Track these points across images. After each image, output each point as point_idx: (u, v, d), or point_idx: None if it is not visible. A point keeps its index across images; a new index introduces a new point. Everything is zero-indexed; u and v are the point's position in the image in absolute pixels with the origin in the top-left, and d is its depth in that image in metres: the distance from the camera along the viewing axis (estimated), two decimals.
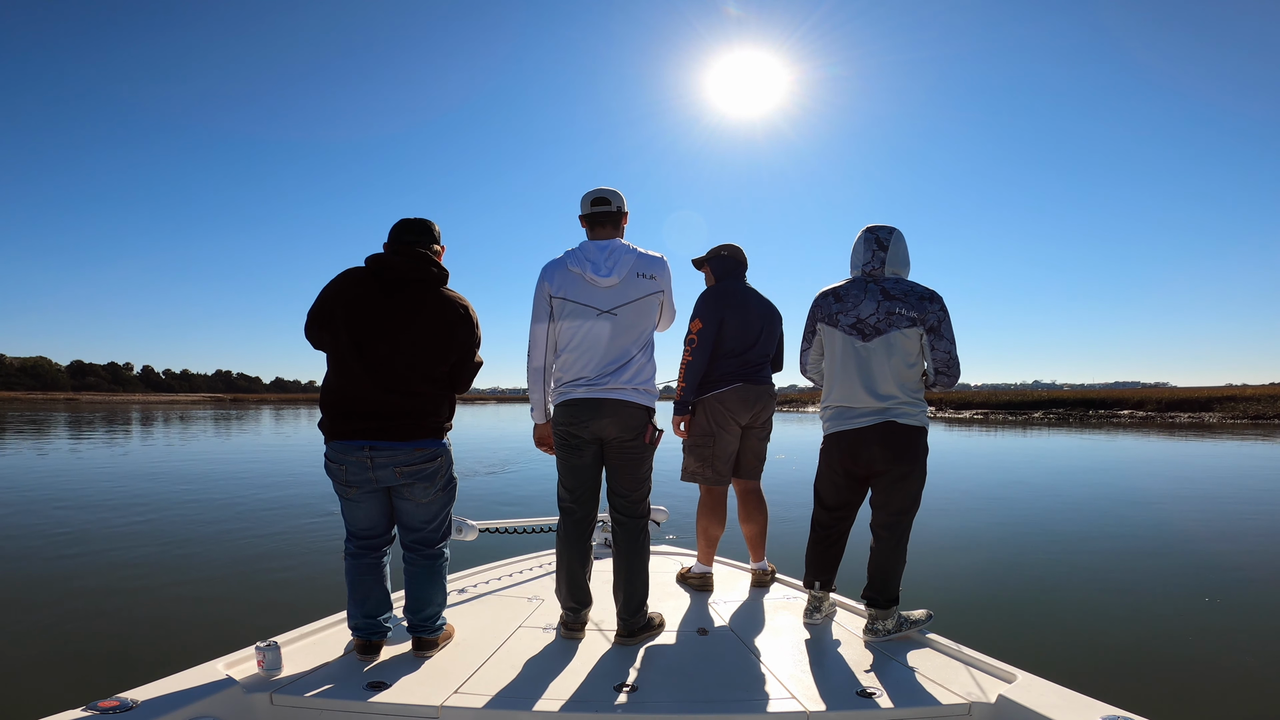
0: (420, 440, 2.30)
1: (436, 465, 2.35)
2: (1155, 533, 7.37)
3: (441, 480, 2.38)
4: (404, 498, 2.36)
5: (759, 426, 3.31)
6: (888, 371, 2.54)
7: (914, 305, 2.53)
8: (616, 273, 2.51)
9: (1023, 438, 21.94)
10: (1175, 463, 14.78)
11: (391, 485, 2.32)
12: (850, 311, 2.59)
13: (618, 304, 2.51)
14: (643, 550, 2.61)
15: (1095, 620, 4.46)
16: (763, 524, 3.35)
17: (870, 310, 2.56)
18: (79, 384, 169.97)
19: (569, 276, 2.52)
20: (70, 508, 7.97)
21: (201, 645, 3.21)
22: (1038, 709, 1.81)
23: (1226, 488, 10.74)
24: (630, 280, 2.52)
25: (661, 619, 2.68)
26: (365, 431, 2.25)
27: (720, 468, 3.24)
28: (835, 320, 2.63)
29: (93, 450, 15.71)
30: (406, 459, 2.28)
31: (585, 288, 2.51)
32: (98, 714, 1.69)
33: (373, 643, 2.34)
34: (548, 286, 2.54)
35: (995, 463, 14.91)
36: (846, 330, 2.60)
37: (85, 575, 5.18)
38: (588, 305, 2.50)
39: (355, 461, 2.26)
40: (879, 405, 2.55)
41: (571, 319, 2.51)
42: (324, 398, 2.32)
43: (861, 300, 2.58)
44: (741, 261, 3.41)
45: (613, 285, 2.51)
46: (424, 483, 2.34)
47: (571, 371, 2.55)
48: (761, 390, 3.25)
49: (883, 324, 2.54)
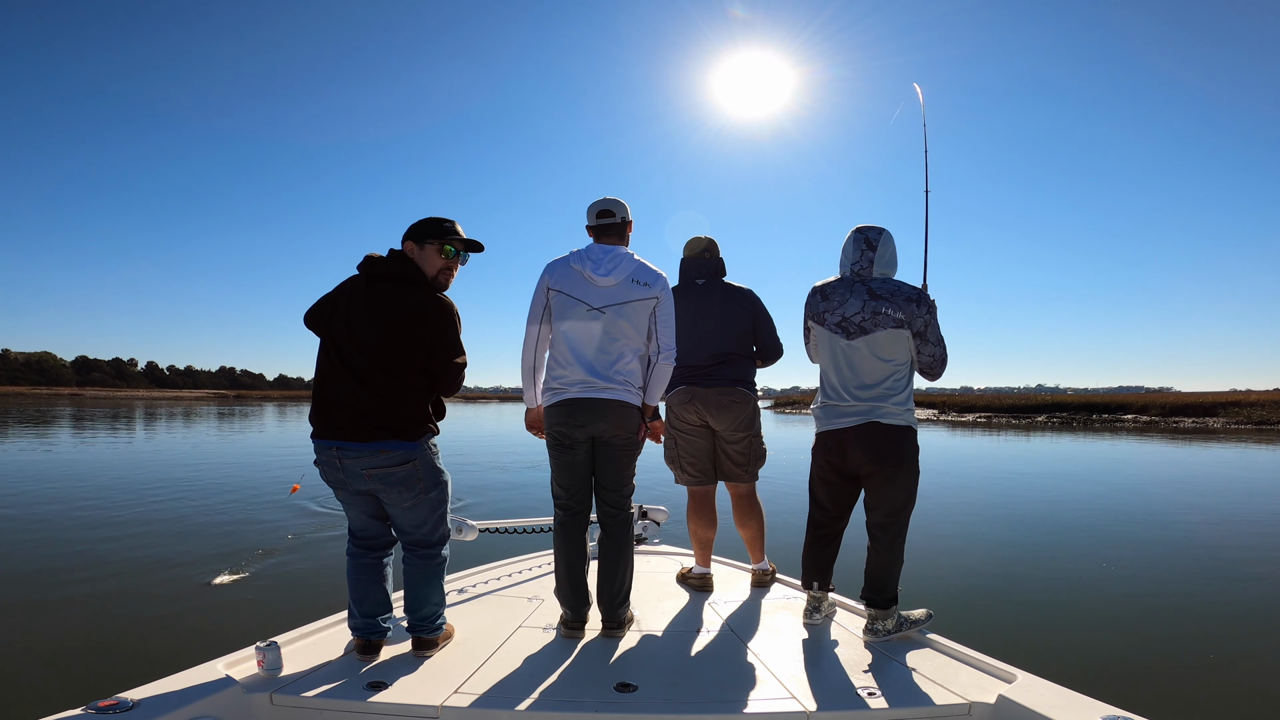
0: (385, 442, 2.23)
1: (408, 470, 2.28)
2: (1155, 533, 7.37)
3: (421, 485, 2.32)
4: (386, 502, 2.34)
5: (724, 431, 3.20)
6: (870, 370, 2.55)
7: (900, 307, 2.52)
8: (615, 275, 2.60)
9: (1026, 441, 21.92)
10: (1177, 466, 14.78)
11: (366, 488, 2.29)
12: (836, 310, 2.60)
13: (608, 303, 2.59)
14: (631, 543, 2.69)
15: (1095, 620, 4.46)
16: (756, 527, 3.31)
17: (855, 309, 2.56)
18: (83, 379, 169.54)
19: (569, 272, 2.62)
20: (71, 508, 7.97)
21: (201, 645, 3.21)
22: (1038, 709, 1.81)
23: (1227, 490, 10.73)
24: (625, 284, 2.61)
25: (633, 616, 2.73)
26: (333, 431, 2.25)
27: (687, 468, 3.26)
28: (822, 318, 2.64)
29: (92, 449, 15.73)
30: (371, 461, 2.23)
31: (582, 283, 2.60)
32: (97, 714, 1.69)
33: (372, 642, 2.34)
34: (548, 280, 2.63)
35: (997, 465, 14.92)
36: (832, 329, 2.60)
37: (85, 575, 5.18)
38: (580, 300, 2.59)
39: (327, 461, 2.28)
40: (862, 405, 2.54)
41: (564, 313, 2.60)
42: (312, 395, 2.35)
43: (848, 299, 2.58)
44: (690, 263, 3.32)
45: (608, 285, 2.60)
46: (398, 488, 2.28)
47: (565, 369, 2.61)
48: (708, 393, 3.15)
49: (868, 323, 2.54)
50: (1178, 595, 5.07)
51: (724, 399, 3.16)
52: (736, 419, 3.19)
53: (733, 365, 3.20)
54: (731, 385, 3.18)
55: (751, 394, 3.26)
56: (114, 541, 6.28)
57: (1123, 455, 17.11)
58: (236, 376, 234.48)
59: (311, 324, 2.40)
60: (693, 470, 3.26)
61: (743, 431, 3.21)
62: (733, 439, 3.22)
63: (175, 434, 21.59)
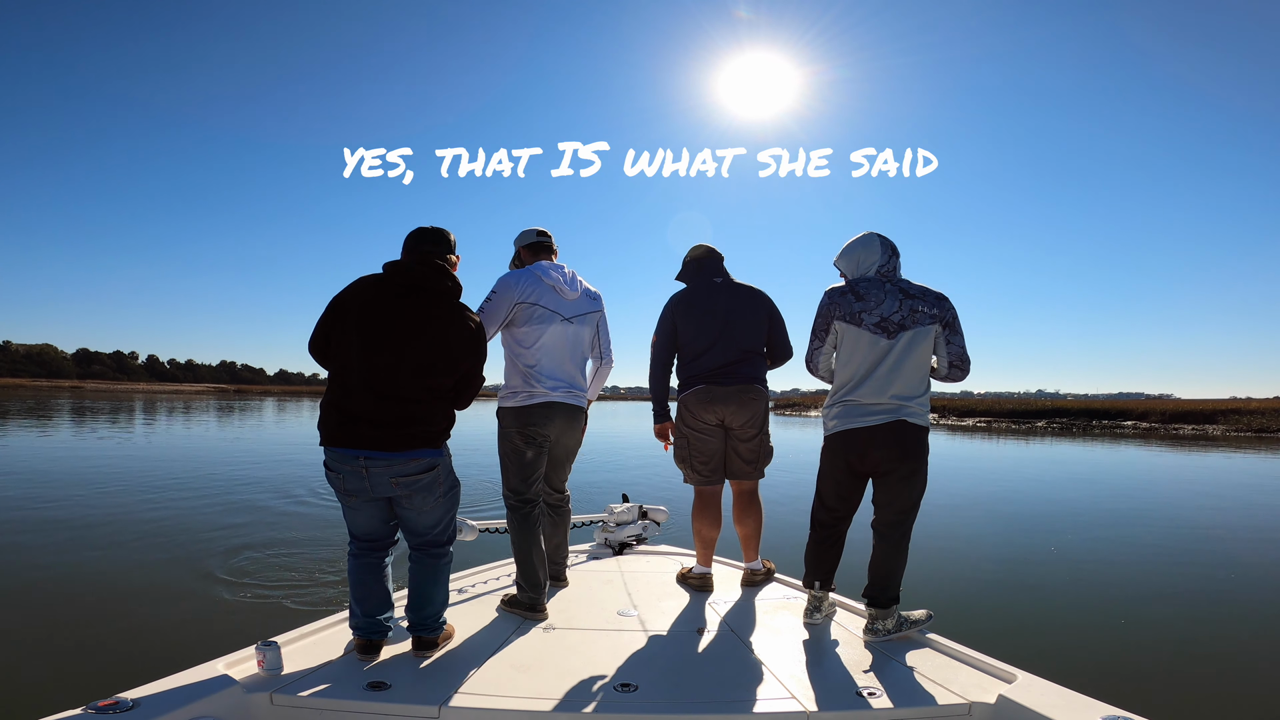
0: (416, 450, 2.26)
1: (434, 475, 2.32)
2: (1155, 534, 7.38)
3: (441, 488, 2.36)
4: (405, 507, 2.34)
5: (739, 428, 3.23)
6: (908, 369, 2.57)
7: (933, 303, 2.59)
8: (577, 289, 2.99)
9: (1025, 446, 21.86)
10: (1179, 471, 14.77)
11: (389, 495, 2.30)
12: (874, 310, 2.60)
13: (576, 314, 2.98)
14: (569, 519, 3.29)
15: (1095, 620, 4.46)
16: (754, 526, 3.32)
17: (894, 308, 2.59)
18: (84, 372, 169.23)
19: (541, 285, 2.91)
20: (70, 507, 7.97)
21: (201, 645, 3.21)
22: (1038, 709, 1.81)
23: (1228, 495, 10.74)
24: (584, 298, 3.03)
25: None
26: (361, 440, 2.22)
27: (699, 468, 3.27)
28: (859, 319, 2.62)
29: (89, 444, 15.72)
30: (402, 469, 2.25)
31: (555, 296, 2.92)
32: (97, 714, 1.69)
33: (373, 642, 2.34)
34: (514, 294, 2.87)
35: (997, 467, 14.92)
36: (871, 329, 2.59)
37: (85, 574, 5.18)
38: (555, 312, 2.91)
39: (350, 471, 2.24)
40: (894, 404, 2.56)
41: (539, 323, 2.88)
42: (326, 401, 2.30)
43: (884, 299, 2.61)
44: (703, 261, 3.34)
45: (574, 298, 2.98)
46: (423, 493, 2.31)
47: (543, 374, 2.90)
48: (729, 391, 3.17)
49: (907, 321, 2.57)
50: (1178, 595, 5.08)
51: (743, 396, 3.19)
52: (752, 416, 3.22)
53: (750, 364, 3.23)
54: (749, 383, 3.21)
55: (766, 392, 3.30)
56: (113, 540, 6.27)
57: (1122, 460, 17.11)
58: (237, 371, 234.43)
59: (325, 330, 2.31)
60: (704, 470, 3.28)
61: (755, 429, 3.25)
62: (745, 436, 3.25)
63: (175, 430, 21.58)
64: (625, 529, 4.13)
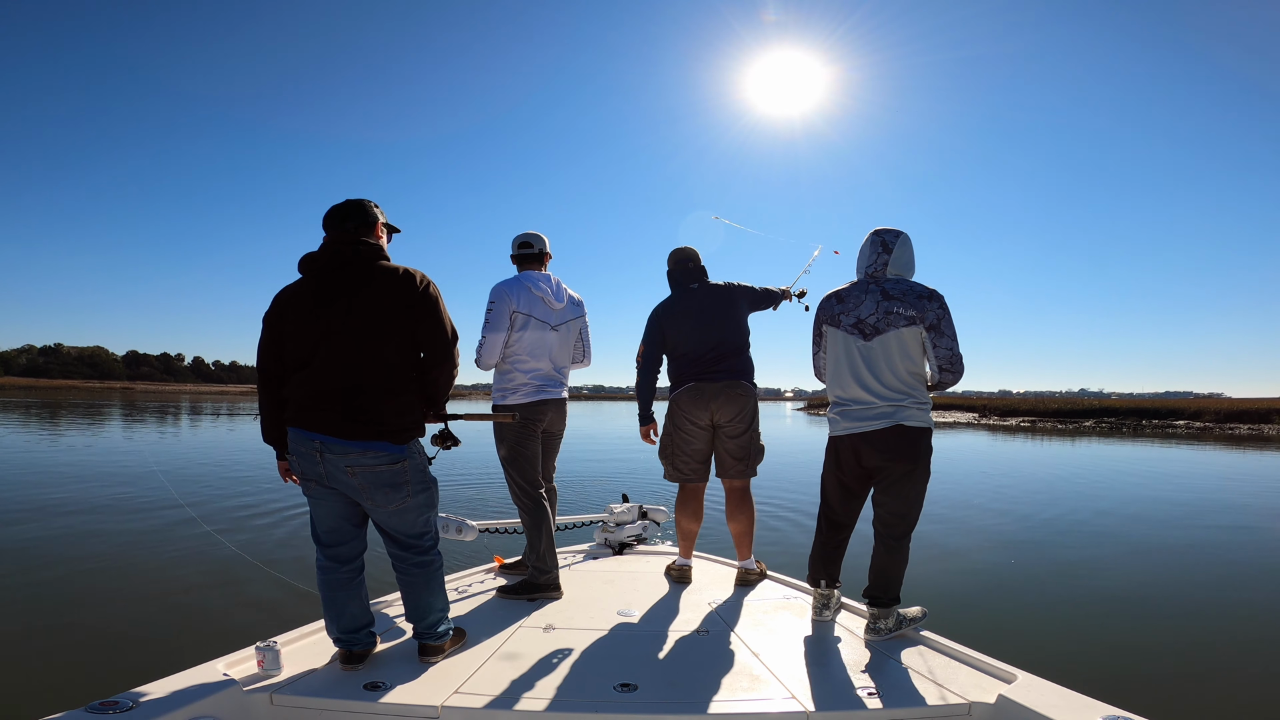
0: (371, 442, 2.13)
1: (396, 471, 2.18)
2: (1156, 534, 7.37)
3: (410, 488, 2.22)
4: (369, 505, 2.21)
5: (727, 424, 3.31)
6: (888, 370, 2.56)
7: (912, 304, 2.55)
8: (562, 298, 3.26)
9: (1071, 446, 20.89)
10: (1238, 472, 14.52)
11: (346, 486, 2.17)
12: (851, 312, 2.63)
13: (560, 321, 3.24)
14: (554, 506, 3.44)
15: (1095, 620, 4.46)
16: (747, 524, 3.36)
17: (870, 310, 2.59)
18: (134, 374, 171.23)
19: (532, 297, 3.17)
20: (69, 506, 7.97)
21: (201, 645, 3.21)
22: (1038, 709, 1.81)
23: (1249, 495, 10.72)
24: (568, 306, 3.30)
25: None
26: (316, 424, 2.13)
27: (681, 465, 3.38)
28: (837, 321, 2.67)
29: (106, 444, 15.72)
30: (358, 460, 2.13)
31: (543, 307, 3.19)
32: (97, 714, 1.69)
33: (355, 653, 2.24)
34: (512, 303, 3.12)
35: (1016, 470, 14.90)
36: (848, 330, 2.63)
37: (85, 574, 5.18)
38: (543, 320, 3.18)
39: (305, 453, 2.15)
40: (883, 406, 2.56)
41: (533, 330, 3.14)
42: (290, 384, 2.21)
43: (862, 300, 2.62)
44: (685, 266, 3.49)
45: (560, 308, 3.24)
46: (384, 489, 2.17)
47: (534, 374, 3.16)
48: (718, 388, 3.28)
49: (882, 323, 2.56)
50: (1178, 596, 5.07)
51: (731, 391, 3.30)
52: (739, 411, 3.30)
53: (735, 359, 3.35)
54: (736, 379, 3.32)
55: (754, 389, 3.39)
56: (113, 540, 6.27)
57: (1138, 459, 17.04)
58: None
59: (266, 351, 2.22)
60: (685, 469, 3.39)
61: (744, 425, 3.32)
62: (733, 433, 3.31)
63: (219, 428, 21.54)
64: (625, 529, 4.14)
